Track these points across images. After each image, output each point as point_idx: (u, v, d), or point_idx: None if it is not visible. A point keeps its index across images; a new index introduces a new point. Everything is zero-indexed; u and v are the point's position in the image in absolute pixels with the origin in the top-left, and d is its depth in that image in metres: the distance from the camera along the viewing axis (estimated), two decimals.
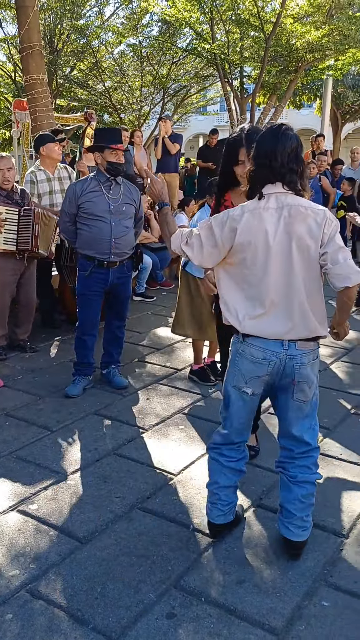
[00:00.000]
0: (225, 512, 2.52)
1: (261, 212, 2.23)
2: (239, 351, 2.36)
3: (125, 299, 4.24)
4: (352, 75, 16.76)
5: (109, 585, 2.29)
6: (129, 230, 4.04)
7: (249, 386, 2.35)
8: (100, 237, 3.88)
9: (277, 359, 2.29)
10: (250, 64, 12.93)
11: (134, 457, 3.24)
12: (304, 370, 2.32)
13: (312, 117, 25.29)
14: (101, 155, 3.87)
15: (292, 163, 2.22)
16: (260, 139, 2.27)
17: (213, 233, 2.28)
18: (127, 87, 16.25)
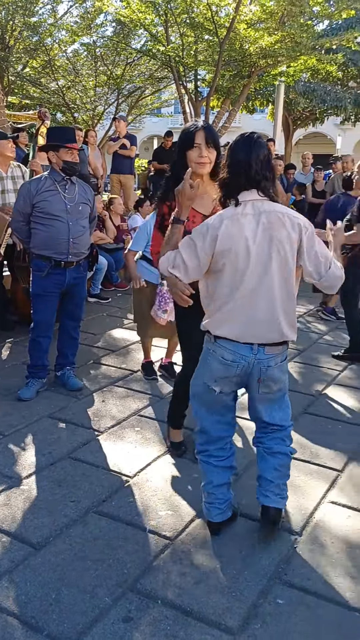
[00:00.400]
0: (223, 509, 2.59)
1: (239, 218, 2.28)
2: (210, 350, 2.44)
3: (81, 300, 4.19)
4: (303, 82, 17.08)
5: (64, 590, 2.26)
6: (86, 230, 4.00)
7: (217, 385, 2.45)
8: (57, 237, 3.83)
9: (246, 362, 2.39)
10: (205, 68, 13.01)
11: (89, 460, 3.21)
12: (270, 372, 2.43)
13: (264, 122, 25.68)
14: (56, 155, 3.81)
15: (265, 170, 2.31)
16: (234, 147, 2.33)
17: (195, 247, 2.31)
18: (81, 87, 16.10)
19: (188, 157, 2.81)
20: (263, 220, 2.28)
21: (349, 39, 12.90)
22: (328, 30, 16.22)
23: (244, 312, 2.33)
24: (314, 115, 19.96)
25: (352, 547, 2.54)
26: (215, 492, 2.58)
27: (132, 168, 9.27)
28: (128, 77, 15.66)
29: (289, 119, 19.76)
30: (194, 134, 2.76)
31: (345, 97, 17.80)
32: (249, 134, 2.36)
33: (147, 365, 4.48)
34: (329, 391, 4.29)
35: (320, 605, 2.21)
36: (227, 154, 2.36)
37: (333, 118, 21.62)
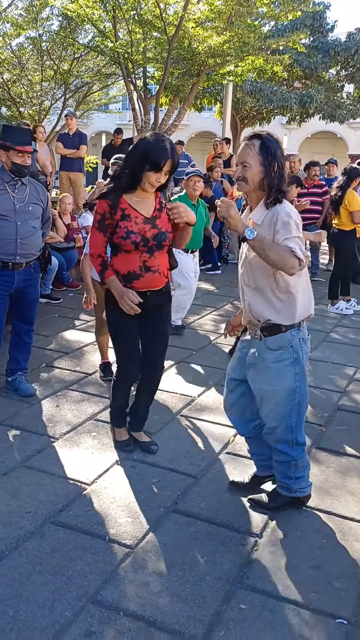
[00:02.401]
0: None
1: None
2: (301, 340, 2.63)
3: (33, 302, 4.08)
4: (250, 82, 17.27)
5: (22, 607, 2.18)
6: (36, 231, 3.89)
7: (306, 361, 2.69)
8: (4, 237, 3.70)
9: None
10: (154, 65, 12.94)
11: (45, 468, 3.12)
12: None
13: (212, 120, 25.89)
14: (6, 154, 3.69)
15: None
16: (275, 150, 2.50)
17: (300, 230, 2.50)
18: (27, 81, 15.70)
19: (146, 174, 2.85)
20: None
21: (294, 41, 13.11)
22: (274, 31, 16.44)
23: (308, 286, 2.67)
24: (260, 115, 20.24)
25: (311, 547, 2.57)
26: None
27: (81, 165, 9.13)
28: (75, 72, 15.37)
29: (236, 117, 19.96)
30: (164, 162, 2.83)
31: (290, 97, 18.13)
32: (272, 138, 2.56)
33: (105, 366, 4.40)
34: None
35: (282, 608, 2.22)
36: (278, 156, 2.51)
37: (279, 118, 22.01)
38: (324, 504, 2.90)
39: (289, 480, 2.76)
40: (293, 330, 2.59)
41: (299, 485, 2.77)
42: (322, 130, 28.64)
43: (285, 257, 2.40)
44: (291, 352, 2.60)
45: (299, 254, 2.40)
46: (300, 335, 2.62)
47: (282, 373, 2.60)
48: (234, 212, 2.44)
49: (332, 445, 3.51)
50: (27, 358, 4.15)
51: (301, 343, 2.63)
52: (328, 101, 19.16)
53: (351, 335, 5.83)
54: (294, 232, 2.43)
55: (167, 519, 2.73)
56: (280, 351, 2.59)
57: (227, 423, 3.73)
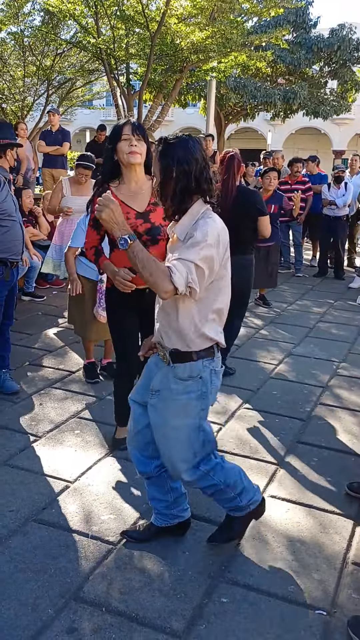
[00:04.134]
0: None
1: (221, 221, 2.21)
2: (212, 372, 2.26)
3: (14, 297, 4.11)
4: (234, 78, 17.29)
5: (4, 605, 2.19)
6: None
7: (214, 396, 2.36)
8: (16, 238, 3.74)
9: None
10: (136, 61, 12.90)
11: (27, 466, 3.12)
12: None
13: (197, 117, 25.88)
14: (10, 152, 3.68)
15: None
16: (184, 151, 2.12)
17: (213, 261, 2.09)
18: (9, 77, 15.58)
19: (119, 150, 2.87)
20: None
21: (277, 37, 13.16)
22: (257, 27, 16.48)
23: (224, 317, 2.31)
24: (245, 111, 20.29)
25: (292, 541, 2.61)
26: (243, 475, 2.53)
27: (64, 162, 9.09)
28: (58, 68, 15.27)
29: (220, 114, 19.98)
30: (122, 127, 2.86)
31: (274, 93, 18.17)
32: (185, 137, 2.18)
33: (90, 366, 4.36)
34: (266, 386, 4.37)
35: (262, 601, 2.25)
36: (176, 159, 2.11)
37: (263, 114, 22.08)
38: (304, 497, 2.94)
39: (234, 501, 2.43)
40: (205, 360, 2.23)
41: (246, 499, 2.44)
42: (306, 127, 28.78)
43: (157, 277, 2.02)
44: (199, 385, 2.23)
45: (176, 279, 1.99)
46: (212, 366, 2.26)
47: (186, 407, 2.24)
48: (109, 214, 2.12)
49: (313, 439, 3.55)
50: (9, 355, 4.14)
51: (213, 377, 2.27)
52: (312, 97, 19.25)
53: (333, 331, 5.88)
54: (193, 256, 2.02)
55: (150, 515, 2.74)
56: (189, 381, 2.22)
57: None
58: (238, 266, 4.27)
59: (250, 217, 4.30)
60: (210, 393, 2.29)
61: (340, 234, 8.53)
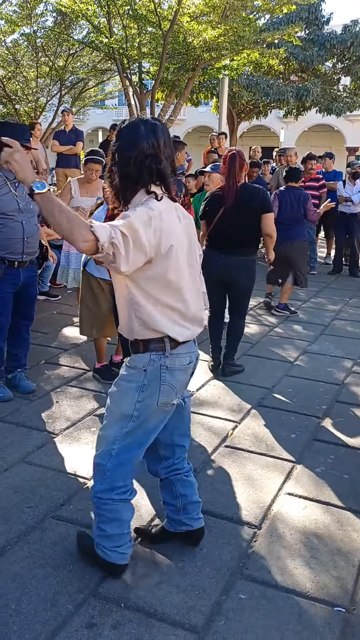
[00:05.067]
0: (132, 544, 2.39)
1: (172, 212, 2.11)
2: (163, 367, 2.15)
3: (33, 298, 4.13)
4: (246, 75, 17.23)
5: (24, 600, 2.21)
6: (38, 229, 3.97)
7: (177, 395, 2.23)
8: (13, 236, 3.75)
9: (195, 357, 2.29)
10: (149, 60, 12.92)
11: (45, 464, 3.15)
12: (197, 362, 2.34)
13: (209, 115, 25.82)
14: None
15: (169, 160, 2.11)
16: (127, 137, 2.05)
17: (139, 233, 1.95)
18: (22, 78, 15.69)
19: None
20: (180, 215, 2.16)
21: (290, 34, 13.09)
22: (269, 24, 16.40)
23: (190, 309, 2.18)
24: (257, 109, 20.21)
25: (309, 538, 2.60)
26: (129, 529, 2.33)
27: (77, 162, 9.13)
28: (71, 68, 15.36)
29: (233, 112, 19.93)
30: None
31: (287, 90, 18.07)
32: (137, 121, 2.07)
33: (104, 368, 4.34)
34: (281, 383, 4.36)
35: (281, 598, 2.25)
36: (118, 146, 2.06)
37: (276, 111, 21.97)
38: (321, 495, 2.93)
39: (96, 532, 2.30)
40: (154, 354, 2.14)
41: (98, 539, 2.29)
42: (319, 124, 28.63)
43: (75, 225, 1.88)
44: (141, 377, 2.15)
45: (96, 229, 1.87)
46: (163, 362, 2.15)
47: (124, 394, 2.18)
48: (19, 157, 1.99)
49: (329, 437, 3.54)
50: (26, 355, 4.18)
51: (163, 373, 2.15)
52: (324, 94, 19.11)
53: (349, 328, 5.85)
54: (116, 223, 1.93)
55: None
56: (133, 371, 2.17)
57: (225, 417, 3.77)
58: (239, 267, 4.28)
59: (253, 216, 4.20)
60: (160, 391, 2.15)
61: (356, 231, 8.47)
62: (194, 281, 2.23)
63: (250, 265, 4.33)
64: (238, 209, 4.15)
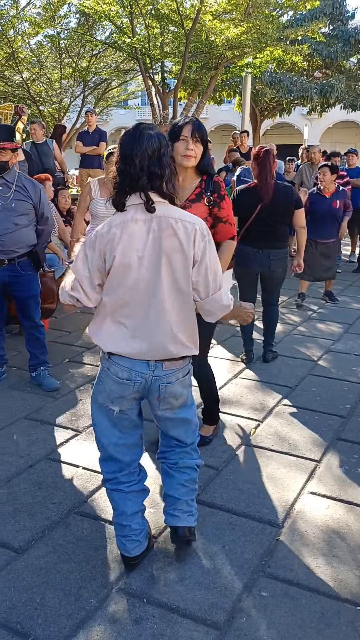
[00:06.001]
0: (141, 540, 2.36)
1: (130, 224, 2.02)
2: (104, 368, 2.22)
3: (27, 299, 4.09)
4: (269, 73, 17.15)
5: (49, 594, 2.25)
6: (20, 228, 3.90)
7: (116, 404, 2.23)
8: None
9: (142, 379, 2.19)
10: (171, 59, 12.95)
11: (69, 460, 3.19)
12: (171, 389, 2.23)
13: (232, 113, 25.75)
14: None
15: (154, 167, 2.01)
16: (121, 142, 2.06)
17: (86, 260, 2.08)
18: (46, 79, 15.86)
19: (175, 149, 2.84)
20: (154, 227, 2.02)
21: (314, 30, 12.99)
22: (293, 21, 16.29)
23: (136, 328, 2.11)
24: (280, 106, 20.11)
25: (332, 537, 2.59)
26: (130, 522, 2.33)
27: (101, 162, 9.18)
28: (94, 69, 15.47)
29: (256, 109, 19.86)
30: (182, 127, 2.82)
31: (311, 87, 17.95)
32: (135, 126, 2.07)
33: None
34: (305, 382, 4.34)
35: (303, 596, 2.25)
36: (117, 150, 2.08)
37: (300, 108, 21.85)
38: (345, 494, 2.91)
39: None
40: (102, 353, 2.24)
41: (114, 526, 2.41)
42: (343, 120, 28.34)
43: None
44: (99, 370, 2.29)
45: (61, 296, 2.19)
46: (105, 365, 2.22)
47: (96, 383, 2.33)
48: None
49: (353, 436, 3.51)
50: (43, 352, 4.22)
51: (103, 373, 2.24)
52: (349, 90, 18.95)
53: None
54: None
55: None
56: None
57: (248, 415, 3.76)
58: (277, 260, 4.44)
59: (288, 211, 4.38)
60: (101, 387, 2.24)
61: None
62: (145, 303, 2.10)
63: (286, 256, 4.56)
64: (276, 204, 4.27)
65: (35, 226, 4.04)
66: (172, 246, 2.04)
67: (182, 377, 2.26)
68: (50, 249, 6.03)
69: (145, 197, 2.02)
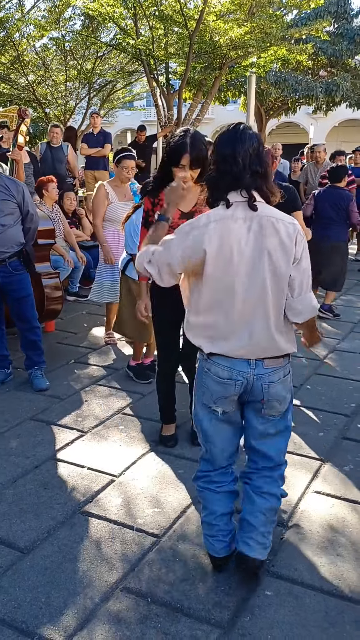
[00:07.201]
0: (228, 542, 2.35)
1: (229, 222, 2.05)
2: (204, 369, 2.23)
3: (19, 300, 4.09)
4: (274, 72, 17.10)
5: (54, 593, 2.26)
6: (7, 228, 3.91)
7: (218, 405, 2.23)
8: None
9: (244, 379, 2.17)
10: (175, 60, 12.94)
11: (74, 461, 3.21)
12: (273, 389, 2.20)
13: (237, 113, 25.71)
14: None
15: (256, 166, 2.07)
16: (219, 141, 2.11)
17: (175, 247, 2.09)
18: (51, 82, 15.90)
19: (173, 171, 2.88)
20: (255, 225, 2.05)
21: (318, 29, 12.95)
22: (297, 20, 16.25)
23: (236, 326, 2.12)
24: (286, 105, 20.04)
25: (336, 536, 2.59)
26: (219, 522, 2.33)
27: (106, 164, 9.22)
28: (98, 71, 15.49)
29: (261, 109, 19.81)
30: (181, 155, 2.81)
31: (316, 86, 17.88)
32: (234, 125, 2.13)
33: (139, 368, 4.35)
34: (310, 381, 4.34)
35: (307, 595, 2.25)
36: (213, 149, 2.13)
37: (305, 107, 21.77)
38: (349, 493, 2.91)
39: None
40: (199, 353, 2.27)
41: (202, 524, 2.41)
42: (349, 119, 28.21)
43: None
44: (199, 370, 2.29)
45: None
46: (204, 365, 2.23)
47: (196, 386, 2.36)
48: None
49: (358, 435, 3.50)
50: (38, 354, 4.22)
51: (203, 374, 2.24)
52: (355, 89, 18.84)
53: None
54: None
55: (193, 509, 2.78)
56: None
57: None
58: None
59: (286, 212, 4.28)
60: (203, 388, 2.25)
61: None
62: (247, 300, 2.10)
63: None
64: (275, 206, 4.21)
65: (22, 225, 4.05)
66: (273, 245, 2.07)
67: (283, 377, 2.23)
68: (56, 251, 6.07)
69: (247, 195, 2.06)
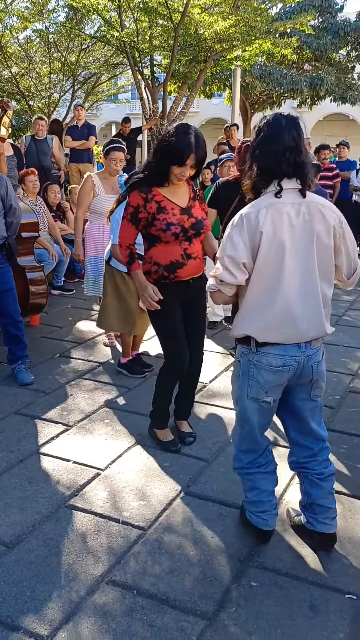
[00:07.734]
0: (276, 514, 2.52)
1: (280, 207, 2.11)
2: (252, 363, 2.26)
3: (1, 294, 4.06)
4: (259, 66, 17.10)
5: (39, 587, 2.26)
6: None
7: (270, 395, 2.29)
8: None
9: (296, 363, 2.24)
10: (160, 53, 12.87)
11: (59, 454, 3.19)
12: (321, 367, 2.33)
13: (222, 107, 25.70)
14: None
15: (299, 155, 2.12)
16: (269, 131, 2.13)
17: (236, 246, 2.14)
18: (35, 74, 15.73)
19: (171, 169, 2.86)
20: (303, 210, 2.12)
21: (303, 23, 12.95)
22: (282, 13, 16.25)
23: (289, 312, 2.16)
24: (271, 99, 20.07)
25: None
26: (270, 498, 2.46)
27: (90, 157, 9.16)
28: (83, 63, 15.36)
29: (246, 103, 19.81)
30: (187, 155, 2.80)
31: (301, 80, 17.92)
32: (276, 116, 2.16)
33: (132, 363, 4.32)
34: None
35: (292, 585, 2.27)
36: (259, 139, 2.16)
37: (290, 101, 21.78)
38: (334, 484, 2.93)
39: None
40: (243, 347, 2.31)
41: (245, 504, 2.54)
42: (334, 113, 28.30)
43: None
44: (239, 366, 2.35)
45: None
46: (252, 358, 2.26)
47: (233, 380, 2.44)
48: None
49: (342, 427, 3.53)
50: (21, 348, 4.20)
51: (250, 367, 2.27)
52: (339, 83, 18.91)
53: None
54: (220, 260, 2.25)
55: (179, 501, 2.79)
56: (238, 360, 2.38)
57: None
58: None
59: None
60: (248, 385, 2.29)
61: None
62: (298, 283, 2.16)
63: None
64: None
65: (5, 219, 4.01)
66: (321, 229, 2.14)
67: (322, 355, 2.35)
68: (40, 244, 6.02)
69: (303, 182, 2.13)
